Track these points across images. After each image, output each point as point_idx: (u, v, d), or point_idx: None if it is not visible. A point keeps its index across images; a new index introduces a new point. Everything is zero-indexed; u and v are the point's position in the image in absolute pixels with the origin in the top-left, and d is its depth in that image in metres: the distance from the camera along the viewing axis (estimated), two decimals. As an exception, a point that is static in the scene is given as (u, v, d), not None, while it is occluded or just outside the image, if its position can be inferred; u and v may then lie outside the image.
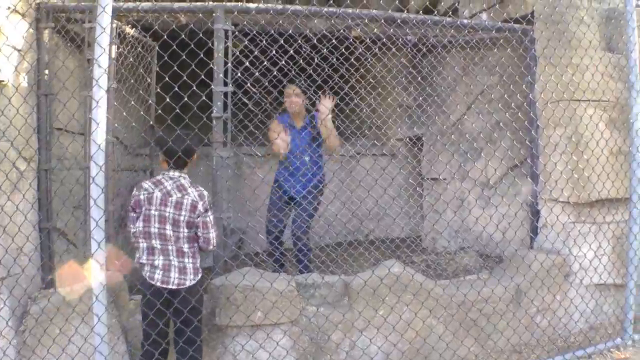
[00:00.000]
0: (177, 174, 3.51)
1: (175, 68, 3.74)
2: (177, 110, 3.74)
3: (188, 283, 3.42)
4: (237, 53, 4.24)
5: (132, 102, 4.48)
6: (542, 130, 4.62)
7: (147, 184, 3.47)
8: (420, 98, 5.80)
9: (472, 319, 4.15)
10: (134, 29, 4.50)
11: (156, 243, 3.41)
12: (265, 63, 4.04)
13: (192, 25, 4.21)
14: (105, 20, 3.07)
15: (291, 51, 4.06)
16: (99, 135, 3.05)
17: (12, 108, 3.78)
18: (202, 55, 3.81)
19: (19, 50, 3.93)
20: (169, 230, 3.41)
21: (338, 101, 4.70)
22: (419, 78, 5.51)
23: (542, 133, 4.61)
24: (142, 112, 4.63)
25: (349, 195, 6.06)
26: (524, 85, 4.74)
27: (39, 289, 4.01)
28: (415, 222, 6.60)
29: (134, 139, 5.67)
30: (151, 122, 4.93)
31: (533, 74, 4.67)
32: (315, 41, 4.45)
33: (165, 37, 3.97)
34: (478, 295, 4.16)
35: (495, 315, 4.20)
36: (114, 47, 4.04)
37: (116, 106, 4.23)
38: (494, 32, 4.68)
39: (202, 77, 3.86)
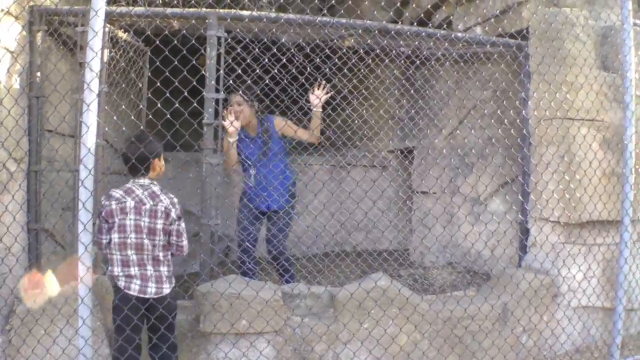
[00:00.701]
0: (147, 181, 3.43)
1: (167, 74, 3.71)
2: (168, 116, 3.73)
3: (165, 292, 3.38)
4: (230, 60, 4.21)
5: (123, 106, 4.45)
6: (534, 147, 4.59)
7: (117, 193, 3.37)
8: (413, 110, 5.79)
9: (457, 336, 4.13)
10: (126, 33, 4.48)
11: (132, 253, 3.34)
12: (257, 71, 4.03)
13: (184, 31, 4.20)
14: (97, 24, 3.04)
15: (284, 60, 4.04)
16: (89, 138, 3.02)
17: (4, 109, 3.76)
18: (194, 62, 3.79)
19: (11, 52, 3.92)
20: (145, 239, 3.34)
21: (330, 111, 4.69)
22: (412, 90, 5.49)
23: (535, 151, 4.59)
24: (132, 117, 4.59)
25: (338, 206, 6.05)
26: (517, 102, 4.73)
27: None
28: (403, 235, 6.59)
29: (125, 142, 5.65)
30: (141, 127, 4.90)
31: (527, 91, 4.66)
32: (308, 50, 4.45)
33: (158, 42, 3.94)
34: (464, 312, 4.14)
35: (481, 333, 4.17)
36: (105, 51, 4.02)
37: (107, 110, 4.20)
38: (488, 46, 4.67)
39: (194, 83, 3.84)
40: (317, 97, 4.68)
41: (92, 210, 3.08)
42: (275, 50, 4.08)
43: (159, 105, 3.80)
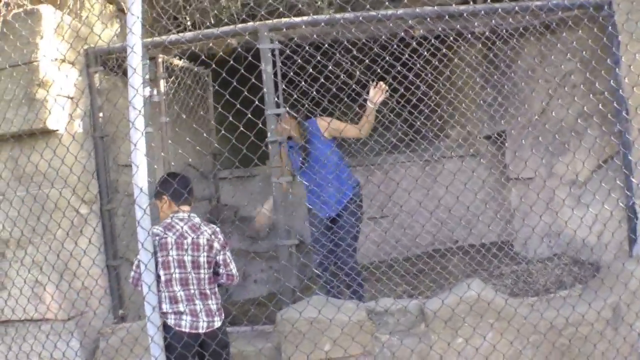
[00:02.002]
0: (186, 215, 3.38)
1: (227, 96, 3.59)
2: (233, 140, 3.66)
3: (216, 324, 3.31)
4: (289, 71, 4.01)
5: (195, 129, 4.39)
6: (630, 119, 4.09)
7: (157, 230, 3.30)
8: (499, 92, 5.37)
9: (565, 344, 3.72)
10: (181, 60, 4.39)
11: (178, 289, 3.27)
12: (317, 77, 3.82)
13: (239, 48, 4.05)
14: (135, 60, 2.95)
15: (364, 57, 3.81)
16: (140, 178, 2.94)
17: (70, 155, 3.81)
18: (253, 80, 3.64)
19: (71, 98, 4.00)
20: (190, 274, 3.28)
21: (418, 103, 4.36)
22: (494, 71, 5.09)
23: (631, 122, 4.08)
24: (204, 138, 4.54)
25: (435, 203, 5.70)
26: (602, 71, 4.23)
27: (110, 324, 4.15)
28: (504, 227, 6.16)
29: (206, 164, 5.61)
30: (211, 151, 4.83)
31: (613, 55, 4.15)
32: (376, 48, 4.20)
33: (214, 65, 3.81)
34: (569, 318, 3.71)
35: (591, 339, 3.73)
36: (162, 82, 3.96)
37: (178, 132, 4.14)
38: (572, 10, 4.20)
39: (256, 102, 3.71)
40: (378, 91, 4.30)
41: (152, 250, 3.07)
42: (336, 53, 3.86)
43: (222, 131, 3.71)
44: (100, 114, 4.10)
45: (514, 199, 5.99)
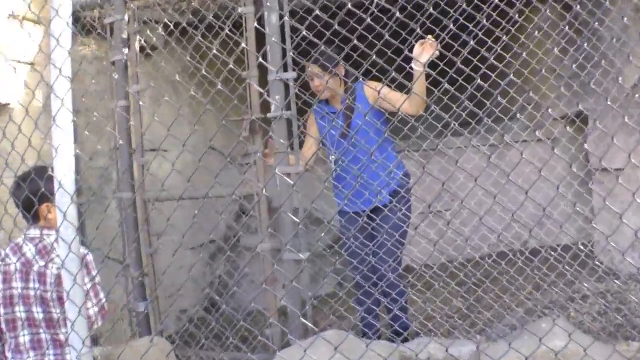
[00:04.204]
0: (37, 231, 2.48)
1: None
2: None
3: None
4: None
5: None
6: None
7: (4, 251, 2.50)
8: (581, 63, 4.27)
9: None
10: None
11: (23, 333, 2.42)
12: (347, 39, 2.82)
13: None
14: (59, 26, 2.04)
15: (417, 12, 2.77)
16: (61, 166, 2.04)
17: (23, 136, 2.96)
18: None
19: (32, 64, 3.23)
20: (37, 313, 2.42)
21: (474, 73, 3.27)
22: (578, 36, 4.03)
23: None
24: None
25: (500, 198, 4.62)
26: None
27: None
28: (583, 225, 5.05)
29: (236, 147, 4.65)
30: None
31: None
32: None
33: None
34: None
35: None
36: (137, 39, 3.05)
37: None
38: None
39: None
40: (426, 46, 3.16)
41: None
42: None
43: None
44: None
45: (597, 194, 4.88)
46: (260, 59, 2.25)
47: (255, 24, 2.56)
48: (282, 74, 2.76)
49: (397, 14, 2.29)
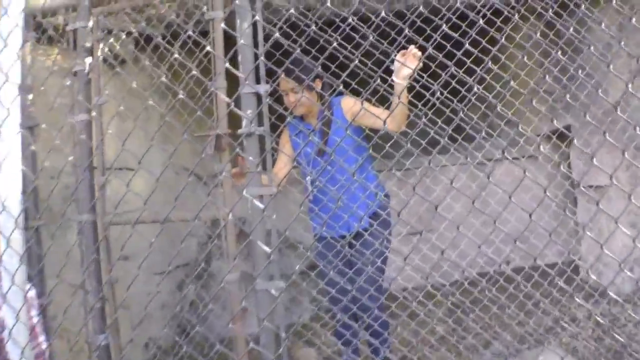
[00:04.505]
0: None
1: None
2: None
3: None
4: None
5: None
6: None
7: None
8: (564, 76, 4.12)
9: None
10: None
11: None
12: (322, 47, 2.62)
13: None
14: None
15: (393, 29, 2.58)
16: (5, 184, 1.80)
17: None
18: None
19: None
20: None
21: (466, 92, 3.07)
22: (554, 48, 3.88)
23: None
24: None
25: (482, 217, 4.47)
26: None
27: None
28: (567, 243, 4.89)
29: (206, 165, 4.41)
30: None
31: None
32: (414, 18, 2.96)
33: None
34: None
35: None
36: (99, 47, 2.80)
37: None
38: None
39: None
40: (409, 59, 2.88)
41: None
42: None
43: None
44: (30, 97, 2.99)
45: (581, 211, 4.73)
46: (228, 65, 2.03)
47: (223, 25, 2.32)
48: (254, 86, 2.53)
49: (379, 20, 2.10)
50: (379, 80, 2.14)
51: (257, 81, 2.53)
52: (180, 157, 4.16)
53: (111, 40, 2.95)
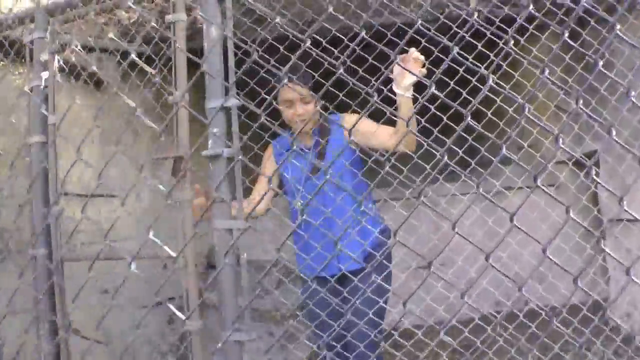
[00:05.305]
0: None
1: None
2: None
3: None
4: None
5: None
6: None
7: None
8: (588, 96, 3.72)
9: None
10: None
11: None
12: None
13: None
14: None
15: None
16: None
17: None
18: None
19: None
20: None
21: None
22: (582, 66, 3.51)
23: None
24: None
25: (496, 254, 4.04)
26: None
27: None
28: (594, 282, 4.44)
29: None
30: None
31: None
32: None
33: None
34: None
35: None
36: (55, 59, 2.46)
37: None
38: None
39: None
40: (410, 66, 2.43)
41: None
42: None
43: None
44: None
45: (610, 247, 4.30)
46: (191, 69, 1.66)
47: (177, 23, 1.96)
48: (223, 101, 2.14)
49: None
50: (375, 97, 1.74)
51: (226, 93, 2.14)
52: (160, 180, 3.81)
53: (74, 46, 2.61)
